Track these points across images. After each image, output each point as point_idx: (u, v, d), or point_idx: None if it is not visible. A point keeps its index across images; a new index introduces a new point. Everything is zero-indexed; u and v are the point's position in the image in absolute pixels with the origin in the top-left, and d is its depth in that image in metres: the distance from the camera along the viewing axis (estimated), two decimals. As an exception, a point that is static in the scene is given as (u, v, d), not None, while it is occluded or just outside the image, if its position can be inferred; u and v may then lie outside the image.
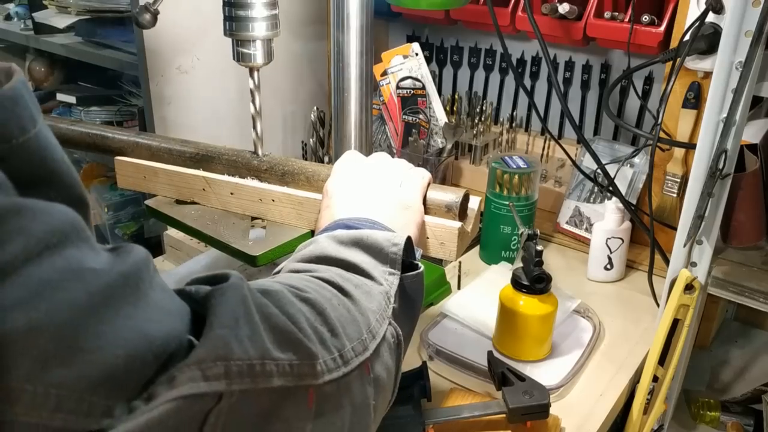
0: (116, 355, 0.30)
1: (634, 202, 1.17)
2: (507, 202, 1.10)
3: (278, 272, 0.55)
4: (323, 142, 1.41)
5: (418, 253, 0.60)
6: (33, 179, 0.32)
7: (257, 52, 0.73)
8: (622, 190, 1.15)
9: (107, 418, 0.30)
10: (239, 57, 0.74)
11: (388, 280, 0.54)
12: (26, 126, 0.32)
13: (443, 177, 1.34)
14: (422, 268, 0.58)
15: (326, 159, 1.40)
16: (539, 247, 0.86)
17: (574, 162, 1.17)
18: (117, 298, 0.31)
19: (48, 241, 0.29)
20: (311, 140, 1.42)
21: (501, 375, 0.81)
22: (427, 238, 0.67)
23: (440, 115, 1.34)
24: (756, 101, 0.89)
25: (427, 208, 0.67)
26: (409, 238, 0.56)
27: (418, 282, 0.57)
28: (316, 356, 0.41)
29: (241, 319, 0.37)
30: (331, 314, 0.46)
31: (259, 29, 0.72)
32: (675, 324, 0.88)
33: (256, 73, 0.76)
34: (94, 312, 0.30)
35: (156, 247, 1.26)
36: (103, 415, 0.29)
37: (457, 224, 0.66)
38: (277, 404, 0.38)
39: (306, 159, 1.45)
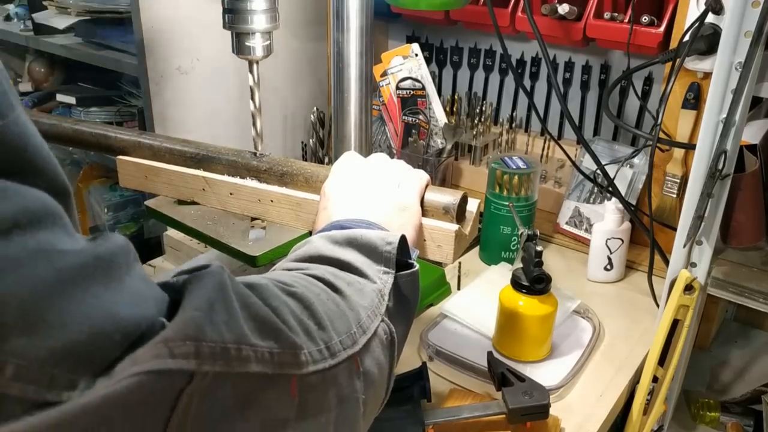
0: (80, 331, 0.30)
1: (633, 202, 1.17)
2: (507, 203, 1.10)
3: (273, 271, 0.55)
4: (323, 143, 1.41)
5: (414, 253, 0.59)
6: (14, 166, 0.33)
7: (257, 45, 0.73)
8: (622, 190, 1.15)
9: (70, 390, 0.30)
10: (238, 50, 0.74)
11: (382, 278, 0.54)
12: (4, 110, 0.32)
13: (443, 178, 1.34)
14: (417, 267, 0.58)
15: (326, 160, 1.40)
16: (539, 248, 0.86)
17: (573, 162, 1.17)
18: (86, 278, 0.32)
19: (18, 221, 0.30)
20: (311, 141, 1.42)
21: (501, 375, 0.81)
22: (425, 240, 0.67)
23: (440, 116, 1.34)
24: (755, 102, 0.89)
25: (424, 210, 0.67)
26: (403, 237, 0.56)
27: (413, 281, 0.57)
28: (300, 347, 0.41)
29: (217, 304, 0.37)
30: (319, 308, 0.46)
31: (258, 22, 0.71)
32: (675, 324, 0.88)
33: (255, 67, 0.76)
34: (60, 289, 0.30)
35: (156, 248, 1.26)
36: (66, 387, 0.30)
37: (454, 227, 0.66)
38: (257, 391, 0.38)
39: (306, 160, 1.45)
